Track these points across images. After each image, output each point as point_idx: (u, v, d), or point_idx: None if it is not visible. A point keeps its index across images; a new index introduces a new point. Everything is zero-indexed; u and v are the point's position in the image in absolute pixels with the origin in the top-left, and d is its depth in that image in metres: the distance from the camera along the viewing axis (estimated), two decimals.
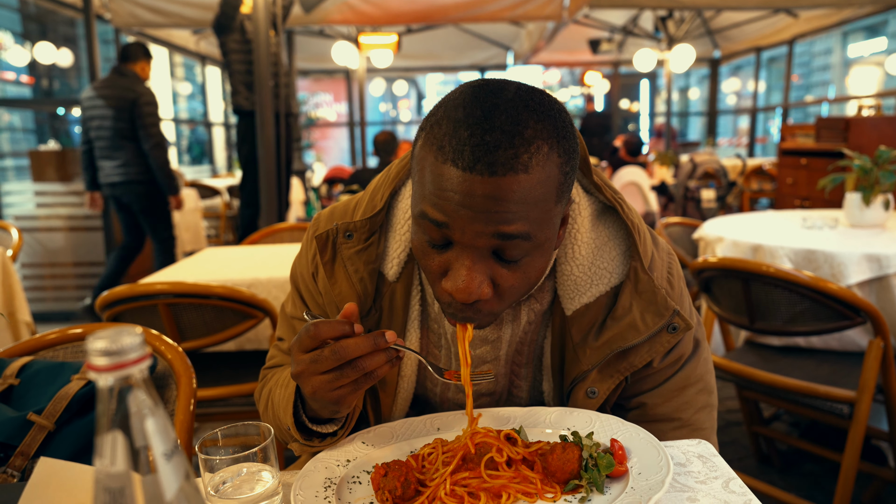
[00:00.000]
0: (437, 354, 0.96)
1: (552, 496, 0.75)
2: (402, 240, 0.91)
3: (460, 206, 0.70)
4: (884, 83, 14.38)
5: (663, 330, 0.86)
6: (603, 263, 0.88)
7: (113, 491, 0.40)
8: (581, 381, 0.89)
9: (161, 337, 1.17)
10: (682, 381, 0.92)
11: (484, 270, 0.74)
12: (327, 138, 18.04)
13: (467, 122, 0.70)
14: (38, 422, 0.99)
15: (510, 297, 0.78)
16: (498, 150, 0.68)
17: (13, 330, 2.71)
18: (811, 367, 2.10)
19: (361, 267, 0.89)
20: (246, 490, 0.75)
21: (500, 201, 0.69)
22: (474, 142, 0.69)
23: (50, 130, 12.27)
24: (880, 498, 2.24)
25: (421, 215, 0.75)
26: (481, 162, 0.68)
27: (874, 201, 2.56)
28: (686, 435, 0.92)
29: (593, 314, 0.88)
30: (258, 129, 4.00)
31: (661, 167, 7.44)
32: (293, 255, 2.61)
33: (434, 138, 0.72)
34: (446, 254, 0.76)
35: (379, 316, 0.92)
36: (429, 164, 0.72)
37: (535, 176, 0.70)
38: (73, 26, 12.02)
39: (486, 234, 0.71)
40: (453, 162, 0.69)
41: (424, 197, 0.73)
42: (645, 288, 0.86)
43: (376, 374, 0.76)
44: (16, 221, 4.94)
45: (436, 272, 0.77)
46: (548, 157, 0.71)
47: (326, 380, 0.75)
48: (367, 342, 0.74)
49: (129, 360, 0.40)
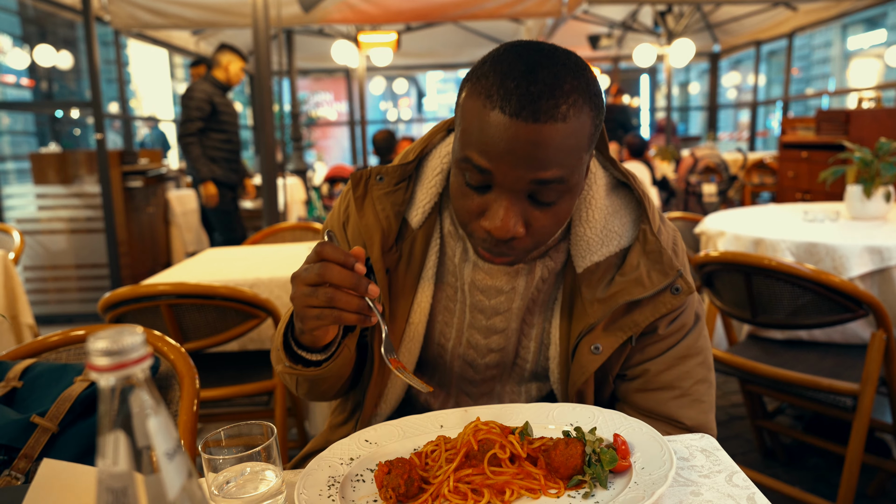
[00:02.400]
0: (452, 308, 1.00)
1: (556, 492, 0.75)
2: (428, 192, 0.98)
3: (505, 153, 0.77)
4: (884, 75, 14.34)
5: (667, 290, 0.92)
6: (614, 227, 0.95)
7: (116, 491, 0.40)
8: (587, 335, 0.93)
9: (164, 338, 1.17)
10: (685, 350, 0.97)
11: (519, 212, 0.82)
12: (328, 137, 18.04)
13: (513, 75, 0.77)
14: (42, 424, 0.99)
15: (541, 236, 0.86)
16: (541, 100, 0.76)
17: (16, 332, 2.71)
18: (814, 361, 2.10)
19: (388, 207, 0.96)
20: (250, 489, 0.75)
21: (540, 147, 0.77)
22: (520, 91, 0.76)
23: (50, 133, 12.28)
24: (885, 490, 2.24)
25: (465, 160, 0.81)
26: (526, 109, 0.76)
27: (875, 193, 2.56)
28: (686, 405, 0.96)
29: (602, 271, 0.93)
30: (258, 129, 4.02)
31: (662, 162, 7.43)
32: (295, 254, 2.63)
33: (482, 88, 0.79)
34: (485, 196, 0.83)
35: (398, 257, 0.98)
36: (476, 112, 0.79)
37: (571, 125, 0.78)
38: (72, 29, 12.02)
39: (525, 180, 0.79)
40: (501, 108, 0.77)
41: (470, 144, 0.80)
42: (652, 248, 0.92)
43: (342, 315, 0.80)
44: (17, 224, 4.95)
45: (473, 212, 0.84)
46: (581, 109, 0.79)
47: (303, 292, 0.80)
48: (350, 278, 0.79)
49: (130, 359, 0.40)
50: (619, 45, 9.90)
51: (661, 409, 0.96)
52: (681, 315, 0.96)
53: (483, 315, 0.98)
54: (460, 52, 10.02)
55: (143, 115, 13.21)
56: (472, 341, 1.00)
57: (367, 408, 1.03)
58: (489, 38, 9.42)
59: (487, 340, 1.00)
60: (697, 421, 0.97)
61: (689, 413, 0.96)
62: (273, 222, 4.06)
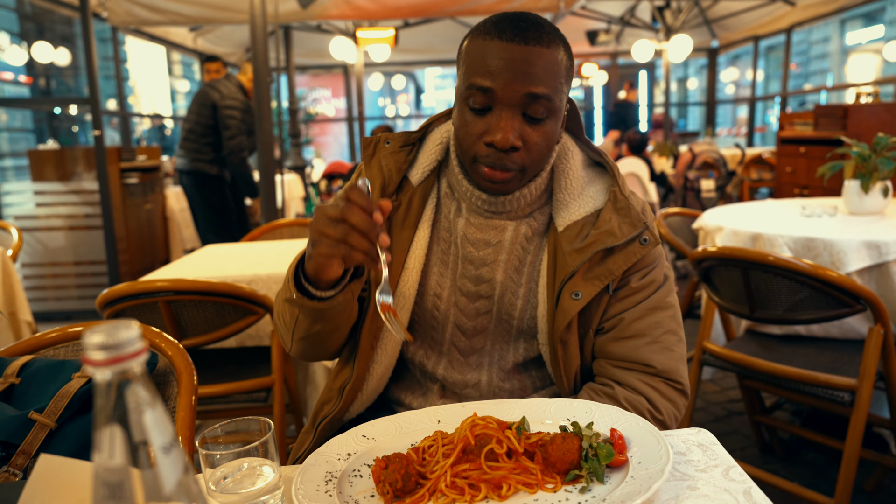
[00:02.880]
0: (447, 262, 1.12)
1: (553, 487, 0.75)
2: (429, 157, 1.14)
3: (503, 69, 0.97)
4: (882, 70, 14.33)
5: (636, 240, 1.05)
6: (589, 193, 1.10)
7: (112, 485, 0.40)
8: (568, 281, 1.04)
9: (161, 334, 1.17)
10: (655, 302, 1.08)
11: (516, 126, 0.99)
12: (326, 134, 18.01)
13: (506, 18, 1.00)
14: (40, 420, 0.99)
15: (535, 154, 1.02)
16: (529, 31, 0.98)
17: (14, 329, 2.71)
18: (812, 356, 2.11)
19: (392, 163, 1.12)
20: (247, 485, 0.75)
21: (531, 64, 0.97)
22: (512, 26, 0.98)
23: (49, 130, 12.25)
24: (882, 485, 2.25)
25: (470, 87, 0.99)
26: (518, 36, 0.97)
27: (873, 188, 2.56)
28: (657, 350, 1.06)
29: (580, 228, 1.07)
30: (256, 125, 4.01)
31: (661, 158, 7.43)
32: (293, 251, 2.63)
33: (481, 31, 1.01)
34: (486, 117, 1.00)
35: (398, 206, 1.12)
36: (477, 47, 1.00)
37: (553, 53, 0.99)
38: (70, 25, 11.99)
39: (520, 93, 0.97)
40: (498, 37, 0.98)
41: (474, 72, 0.99)
42: (622, 206, 1.07)
43: (351, 252, 0.89)
44: (15, 221, 4.94)
45: (476, 134, 1.01)
46: (559, 46, 1.01)
47: (323, 222, 0.90)
48: (367, 222, 0.88)
49: (126, 353, 0.40)
50: (618, 40, 9.89)
51: (634, 355, 1.06)
52: (651, 271, 1.09)
53: (472, 265, 1.10)
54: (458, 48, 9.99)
55: (142, 111, 13.19)
56: (463, 289, 1.11)
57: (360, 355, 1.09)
58: None
59: (477, 288, 1.10)
60: (668, 366, 1.05)
61: (659, 358, 1.05)
62: (271, 219, 4.06)
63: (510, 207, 1.08)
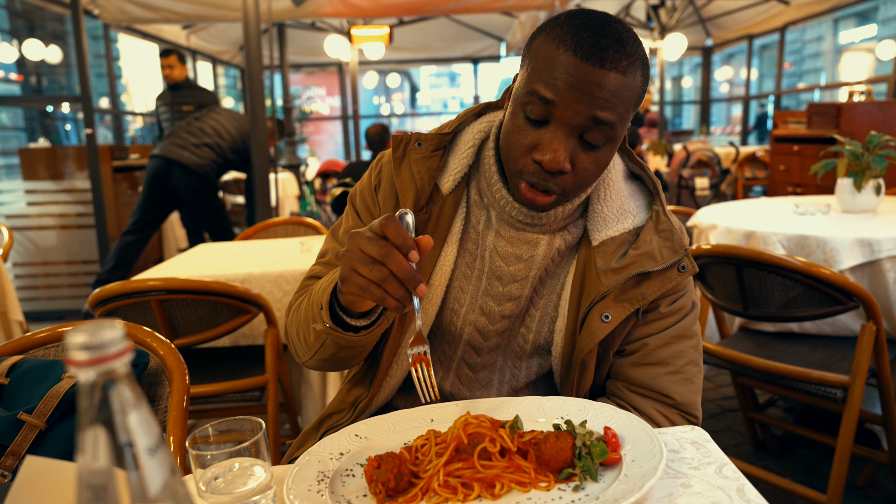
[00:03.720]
0: (469, 275, 1.05)
1: (546, 485, 0.75)
2: (460, 162, 1.05)
3: (571, 87, 0.87)
4: (874, 69, 14.39)
5: (674, 266, 1.00)
6: (629, 208, 1.03)
7: (96, 487, 0.40)
8: (599, 302, 0.99)
9: (153, 333, 1.16)
10: (681, 330, 1.04)
11: (570, 148, 0.90)
12: (321, 132, 17.98)
13: (587, 27, 0.88)
14: (29, 421, 0.98)
15: (582, 179, 0.93)
16: (608, 51, 0.87)
17: (5, 329, 2.70)
18: (805, 353, 2.11)
19: (423, 170, 1.03)
20: (238, 485, 0.74)
21: (602, 89, 0.87)
22: (592, 41, 0.87)
23: (40, 128, 12.18)
24: (874, 480, 2.25)
25: (531, 93, 0.90)
26: (595, 55, 0.86)
27: (865, 186, 2.56)
28: (678, 381, 1.02)
29: (617, 245, 1.01)
30: (251, 125, 4.00)
31: (655, 156, 7.44)
32: (287, 249, 2.62)
33: (557, 34, 0.89)
34: (540, 130, 0.91)
35: (428, 218, 1.04)
36: (550, 53, 0.89)
37: (628, 80, 0.89)
38: (61, 22, 11.92)
39: (584, 115, 0.88)
40: (574, 51, 0.87)
41: (539, 79, 0.89)
42: (664, 227, 1.01)
43: (385, 298, 0.81)
44: (6, 220, 4.91)
45: (526, 146, 0.92)
46: (637, 70, 0.90)
47: (358, 258, 0.81)
48: (408, 272, 0.80)
49: (109, 353, 0.40)
50: None
51: (654, 383, 1.01)
52: (681, 297, 1.04)
53: (500, 282, 1.03)
54: (453, 47, 9.99)
55: (135, 109, 13.13)
56: (485, 308, 1.05)
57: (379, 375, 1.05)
58: (482, 32, 9.40)
59: (501, 307, 1.04)
60: (687, 399, 1.02)
61: (679, 389, 1.01)
62: (265, 217, 4.05)
63: (546, 221, 1.01)
